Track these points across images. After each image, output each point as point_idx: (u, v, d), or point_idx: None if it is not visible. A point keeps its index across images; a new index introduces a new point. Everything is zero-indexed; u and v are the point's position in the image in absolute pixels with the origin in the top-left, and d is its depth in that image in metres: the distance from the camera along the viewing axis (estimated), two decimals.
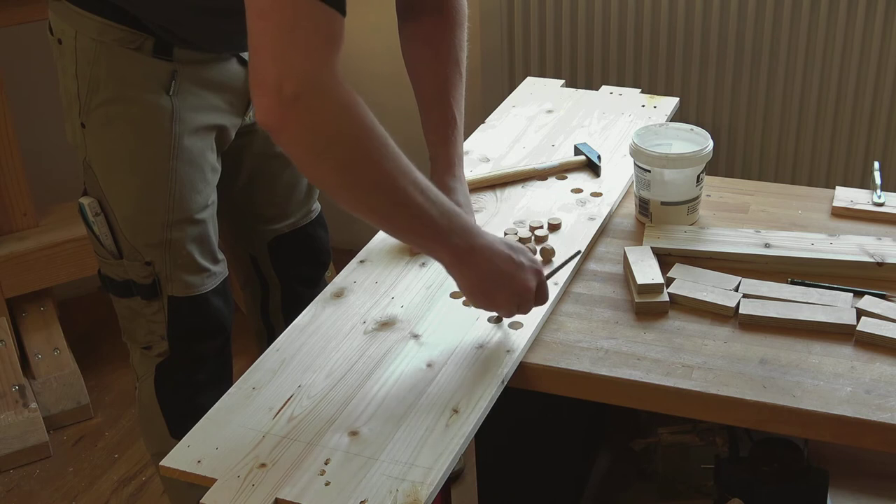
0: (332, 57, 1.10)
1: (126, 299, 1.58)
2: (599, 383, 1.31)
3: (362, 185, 1.16)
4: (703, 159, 1.59)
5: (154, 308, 1.56)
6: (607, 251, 1.58)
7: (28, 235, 2.46)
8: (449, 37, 1.50)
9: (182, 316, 1.56)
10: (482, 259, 1.26)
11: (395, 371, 1.30)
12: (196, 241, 1.52)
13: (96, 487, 2.21)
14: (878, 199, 1.65)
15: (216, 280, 1.57)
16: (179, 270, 1.52)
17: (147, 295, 1.55)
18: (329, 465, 1.15)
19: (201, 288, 1.55)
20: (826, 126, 2.42)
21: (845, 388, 1.26)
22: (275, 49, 1.08)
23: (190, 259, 1.52)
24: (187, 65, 1.46)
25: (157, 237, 1.50)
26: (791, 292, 1.44)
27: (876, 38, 2.29)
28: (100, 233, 1.53)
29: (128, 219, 1.51)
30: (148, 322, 1.57)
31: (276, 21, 1.07)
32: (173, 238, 1.50)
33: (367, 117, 1.14)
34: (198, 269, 1.54)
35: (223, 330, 1.61)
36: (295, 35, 1.07)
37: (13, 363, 2.38)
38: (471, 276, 1.27)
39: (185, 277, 1.53)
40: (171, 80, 1.44)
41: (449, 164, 1.46)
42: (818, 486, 1.68)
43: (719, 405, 1.27)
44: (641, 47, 2.45)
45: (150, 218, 1.49)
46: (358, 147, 1.14)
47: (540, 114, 2.02)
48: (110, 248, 1.54)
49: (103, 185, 1.50)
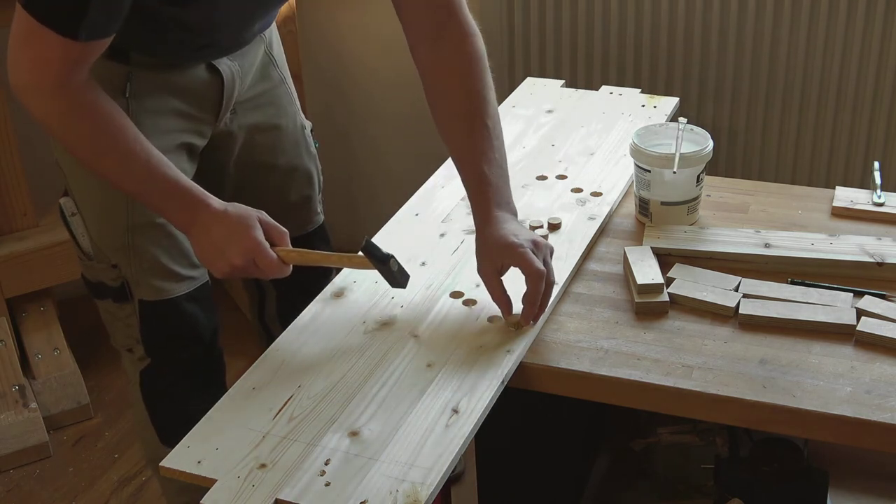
0: (55, 72, 1.27)
1: (102, 301, 1.58)
2: (599, 383, 1.31)
3: (84, 163, 1.38)
4: (703, 159, 1.59)
5: (127, 311, 1.55)
6: (607, 251, 1.58)
7: (28, 235, 2.46)
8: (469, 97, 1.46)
9: (153, 320, 1.55)
10: (205, 226, 1.36)
11: (395, 371, 1.30)
12: (162, 246, 1.51)
13: (96, 487, 2.21)
14: (878, 199, 1.65)
15: (191, 285, 1.55)
16: (146, 274, 1.51)
17: (117, 298, 1.54)
18: (329, 465, 1.15)
19: (172, 292, 1.53)
20: (826, 126, 2.42)
21: (845, 388, 1.26)
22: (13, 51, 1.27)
23: (156, 263, 1.51)
24: (145, 69, 1.45)
25: (121, 240, 1.49)
26: (791, 292, 1.44)
27: (876, 38, 2.29)
28: (77, 233, 1.53)
29: (92, 220, 1.50)
30: (125, 325, 1.57)
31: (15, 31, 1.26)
32: (136, 241, 1.49)
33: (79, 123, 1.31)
34: (167, 274, 1.52)
35: (199, 338, 1.59)
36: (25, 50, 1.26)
37: (13, 363, 2.38)
38: (198, 242, 1.37)
39: (154, 281, 1.52)
40: (127, 82, 1.43)
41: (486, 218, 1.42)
42: (818, 486, 1.68)
43: (719, 405, 1.27)
44: (641, 47, 2.45)
45: (112, 220, 1.49)
46: (67, 140, 1.35)
47: (540, 114, 2.02)
48: (86, 249, 1.53)
49: (71, 186, 1.51)
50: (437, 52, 1.47)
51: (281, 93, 1.67)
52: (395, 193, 2.00)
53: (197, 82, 1.50)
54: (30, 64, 1.27)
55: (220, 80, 1.52)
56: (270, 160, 1.66)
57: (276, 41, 1.67)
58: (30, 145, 2.43)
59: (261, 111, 1.64)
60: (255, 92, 1.62)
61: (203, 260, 1.40)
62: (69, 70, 1.27)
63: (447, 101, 1.47)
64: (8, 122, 2.36)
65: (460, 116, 1.46)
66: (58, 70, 1.26)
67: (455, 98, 1.47)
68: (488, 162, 1.43)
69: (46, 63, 1.25)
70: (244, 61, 1.56)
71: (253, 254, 1.34)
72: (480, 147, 1.44)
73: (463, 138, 1.45)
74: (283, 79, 1.68)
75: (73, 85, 1.28)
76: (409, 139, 2.80)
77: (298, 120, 1.71)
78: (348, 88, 2.81)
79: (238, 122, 1.60)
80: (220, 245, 1.35)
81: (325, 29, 2.75)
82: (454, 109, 1.47)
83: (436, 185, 1.77)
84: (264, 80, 1.63)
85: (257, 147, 1.64)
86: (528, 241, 1.36)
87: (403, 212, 1.69)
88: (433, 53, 1.48)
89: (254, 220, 1.36)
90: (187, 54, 1.47)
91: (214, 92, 1.52)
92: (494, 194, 1.42)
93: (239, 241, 1.34)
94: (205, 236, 1.36)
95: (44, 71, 1.26)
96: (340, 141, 2.88)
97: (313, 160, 1.75)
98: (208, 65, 1.50)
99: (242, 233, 1.34)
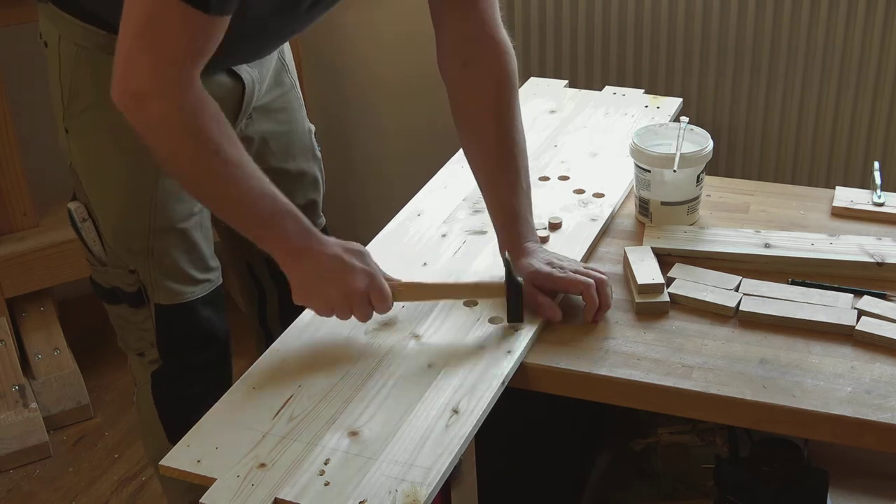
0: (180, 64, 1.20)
1: (115, 306, 1.58)
2: (599, 383, 1.31)
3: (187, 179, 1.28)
4: (703, 159, 1.59)
5: (142, 316, 1.55)
6: (607, 251, 1.58)
7: (28, 235, 2.46)
8: (503, 115, 1.47)
9: (170, 324, 1.54)
10: (311, 259, 1.30)
11: (396, 371, 1.30)
12: (181, 250, 1.51)
13: (96, 487, 2.21)
14: (878, 199, 1.65)
15: (206, 289, 1.55)
16: (164, 278, 1.51)
17: (133, 303, 1.54)
18: (329, 465, 1.15)
19: (189, 296, 1.53)
20: (826, 126, 2.42)
21: (845, 388, 1.26)
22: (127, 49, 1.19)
23: (175, 267, 1.51)
24: None
25: (140, 245, 1.49)
26: (791, 292, 1.44)
27: (876, 38, 2.29)
28: (87, 238, 1.52)
29: (111, 226, 1.50)
30: (138, 329, 1.57)
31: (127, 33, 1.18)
32: (156, 246, 1.49)
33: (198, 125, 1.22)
34: (184, 278, 1.52)
35: (215, 341, 1.59)
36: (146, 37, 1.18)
37: (13, 363, 2.38)
38: (298, 274, 1.31)
39: (171, 285, 1.52)
40: None
41: (513, 246, 1.44)
42: (818, 486, 1.69)
43: (719, 405, 1.27)
44: (641, 48, 2.45)
45: (133, 225, 1.48)
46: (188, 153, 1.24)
47: (543, 114, 2.02)
48: (98, 255, 1.53)
49: (88, 191, 1.50)
50: (469, 70, 1.46)
51: (292, 98, 1.68)
52: (395, 194, 2.00)
53: (218, 88, 1.49)
54: (152, 60, 1.18)
55: (241, 86, 1.52)
56: (282, 165, 1.66)
57: (286, 46, 1.67)
58: (30, 145, 2.44)
59: (274, 116, 1.64)
60: (270, 97, 1.62)
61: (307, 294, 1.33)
62: (194, 59, 1.21)
63: (476, 126, 1.47)
64: (8, 122, 2.36)
65: (490, 144, 1.46)
66: (183, 59, 1.19)
67: (485, 124, 1.46)
68: (517, 194, 1.45)
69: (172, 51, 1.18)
70: (262, 68, 1.56)
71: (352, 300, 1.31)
72: (509, 178, 1.45)
73: (492, 168, 1.46)
74: (294, 84, 1.68)
75: (197, 85, 1.22)
76: (410, 140, 2.80)
77: (306, 124, 1.72)
78: (349, 89, 2.81)
79: (253, 128, 1.60)
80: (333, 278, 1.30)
81: (325, 29, 2.75)
82: (484, 135, 1.46)
83: (437, 185, 1.77)
84: (278, 86, 1.64)
85: (270, 153, 1.64)
86: (561, 268, 1.40)
87: (405, 212, 1.69)
88: (465, 70, 1.46)
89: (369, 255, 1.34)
90: (215, 61, 1.47)
91: (235, 98, 1.52)
92: (524, 227, 1.45)
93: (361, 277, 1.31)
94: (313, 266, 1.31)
95: (168, 64, 1.19)
96: (340, 142, 2.88)
97: (318, 164, 1.75)
98: (229, 71, 1.50)
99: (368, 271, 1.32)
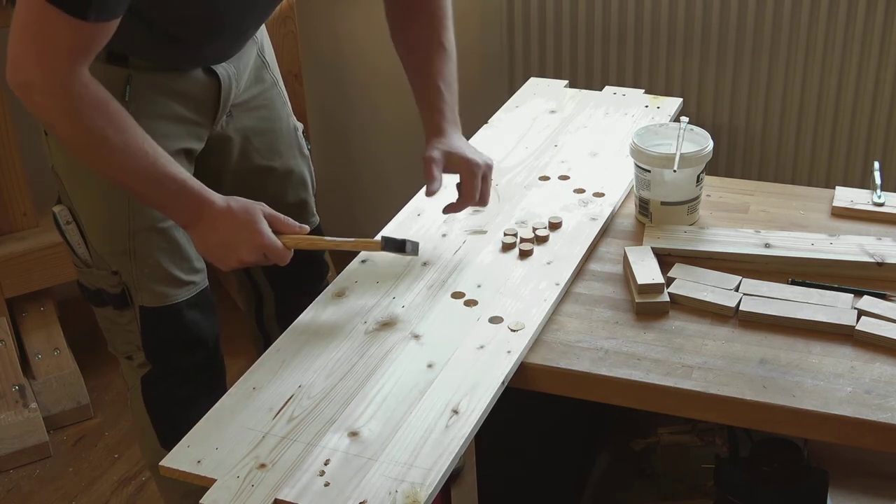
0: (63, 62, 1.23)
1: (101, 308, 1.57)
2: (599, 383, 1.31)
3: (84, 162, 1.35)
4: (703, 159, 1.59)
5: (127, 317, 1.55)
6: (608, 251, 1.58)
7: (28, 235, 2.46)
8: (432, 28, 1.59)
9: (154, 326, 1.54)
10: (206, 227, 1.38)
11: (396, 371, 1.30)
12: (164, 250, 1.51)
13: (96, 487, 2.21)
14: (878, 199, 1.65)
15: (191, 291, 1.55)
16: (148, 280, 1.51)
17: (118, 304, 1.54)
18: (328, 465, 1.15)
19: (173, 298, 1.53)
20: (826, 126, 2.42)
21: (845, 388, 1.26)
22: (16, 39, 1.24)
23: (158, 268, 1.51)
24: (144, 72, 1.44)
25: (122, 246, 1.49)
26: (791, 292, 1.44)
27: (876, 38, 2.29)
28: (72, 241, 1.52)
29: (92, 227, 1.50)
30: (125, 332, 1.56)
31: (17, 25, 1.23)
32: (138, 247, 1.49)
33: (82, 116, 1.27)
34: (168, 279, 1.52)
35: (202, 344, 1.59)
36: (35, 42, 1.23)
37: (13, 363, 2.38)
38: (198, 241, 1.40)
39: (155, 287, 1.52)
40: (126, 85, 1.42)
41: (436, 129, 1.55)
42: (818, 486, 1.69)
43: (719, 405, 1.27)
44: (641, 48, 2.45)
45: (113, 226, 1.48)
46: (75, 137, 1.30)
47: (543, 114, 2.02)
48: (83, 257, 1.53)
49: (69, 193, 1.50)
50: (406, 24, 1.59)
51: (274, 95, 1.67)
52: (395, 194, 2.00)
53: (194, 85, 1.50)
54: (36, 57, 1.22)
55: (218, 83, 1.52)
56: (267, 163, 1.66)
57: (267, 44, 1.67)
58: (30, 146, 2.43)
59: (255, 114, 1.64)
60: (250, 94, 1.62)
61: (209, 256, 1.41)
62: (77, 59, 1.24)
63: (408, 25, 1.58)
64: (8, 122, 2.36)
65: (419, 36, 1.57)
66: (66, 59, 1.23)
67: (415, 22, 1.58)
68: (444, 80, 1.55)
69: (54, 52, 1.22)
70: (239, 64, 1.56)
71: (262, 248, 1.38)
72: (437, 65, 1.55)
73: (420, 55, 1.57)
74: (276, 81, 1.68)
75: (80, 79, 1.26)
76: (410, 139, 2.80)
77: (291, 122, 1.71)
78: (348, 88, 2.81)
79: (234, 126, 1.60)
80: (228, 241, 1.38)
81: (325, 29, 2.75)
82: (414, 31, 1.58)
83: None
84: (258, 83, 1.64)
85: (254, 151, 1.64)
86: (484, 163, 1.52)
87: (405, 212, 1.69)
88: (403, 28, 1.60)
89: (258, 213, 1.39)
90: (185, 59, 1.47)
91: (212, 95, 1.52)
92: (448, 111, 1.54)
93: (248, 237, 1.37)
94: (211, 234, 1.38)
95: (51, 62, 1.23)
96: (340, 141, 2.88)
97: (306, 162, 1.75)
98: (205, 68, 1.50)
99: (250, 228, 1.37)
